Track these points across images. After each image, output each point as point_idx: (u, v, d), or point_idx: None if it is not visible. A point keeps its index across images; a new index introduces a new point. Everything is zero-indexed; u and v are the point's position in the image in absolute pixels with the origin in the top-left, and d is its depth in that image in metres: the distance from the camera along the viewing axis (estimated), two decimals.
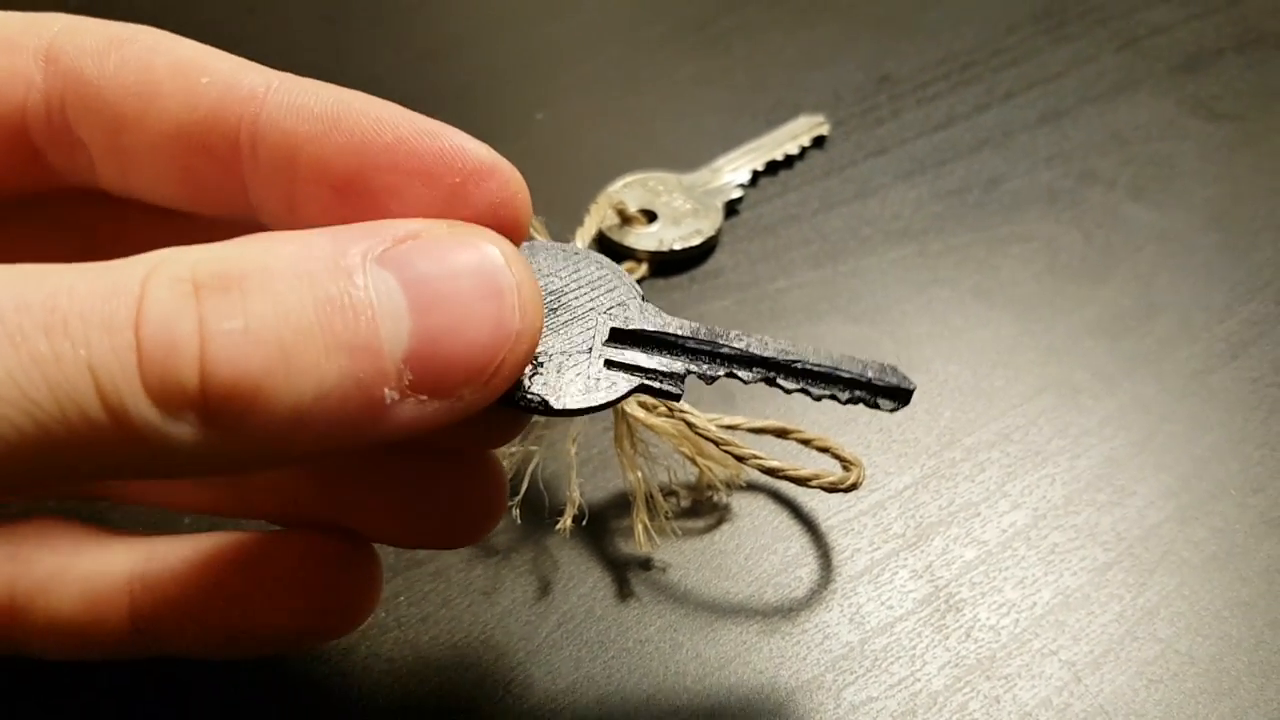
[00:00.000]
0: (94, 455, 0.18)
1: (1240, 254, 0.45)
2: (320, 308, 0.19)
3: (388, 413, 0.20)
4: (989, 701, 0.31)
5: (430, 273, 0.20)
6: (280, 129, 0.23)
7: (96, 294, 0.17)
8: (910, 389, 0.25)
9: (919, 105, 0.53)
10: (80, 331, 0.17)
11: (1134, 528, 0.35)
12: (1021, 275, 0.44)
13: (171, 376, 0.17)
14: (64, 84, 0.23)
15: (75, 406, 0.17)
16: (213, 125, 0.23)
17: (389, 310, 0.19)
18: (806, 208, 0.47)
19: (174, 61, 0.23)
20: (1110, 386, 0.39)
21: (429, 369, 0.20)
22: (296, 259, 0.19)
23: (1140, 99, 0.53)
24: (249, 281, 0.18)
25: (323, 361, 0.18)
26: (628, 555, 0.34)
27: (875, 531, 0.35)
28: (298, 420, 0.19)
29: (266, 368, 0.18)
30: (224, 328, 0.18)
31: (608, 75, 0.55)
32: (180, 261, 0.18)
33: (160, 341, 0.17)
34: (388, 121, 0.23)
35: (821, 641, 0.32)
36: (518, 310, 0.21)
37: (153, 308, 0.18)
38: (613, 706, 0.31)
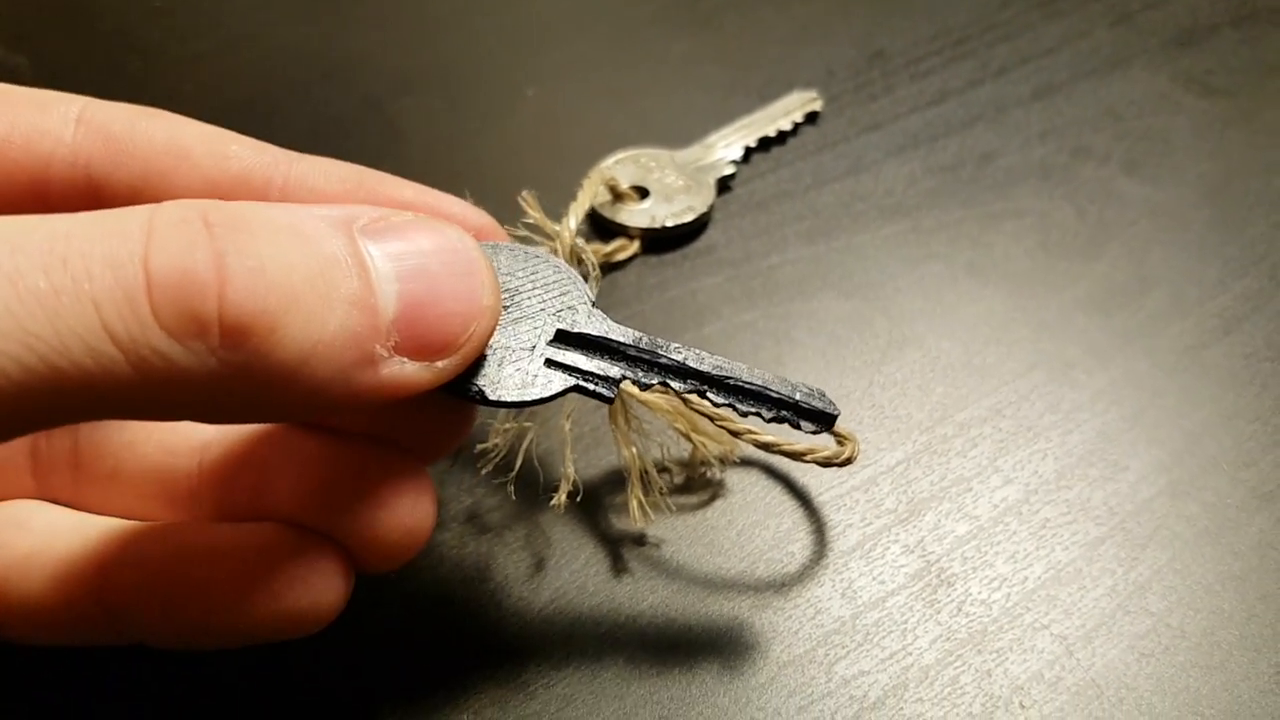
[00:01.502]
0: (103, 390, 0.18)
1: (1233, 229, 0.45)
2: (322, 262, 0.20)
3: (376, 368, 0.21)
4: (980, 675, 0.31)
5: (410, 248, 0.22)
6: (307, 186, 0.25)
7: (96, 235, 0.18)
8: (834, 414, 0.27)
9: (912, 81, 0.53)
10: (80, 266, 0.17)
11: (1126, 502, 0.35)
12: (1014, 251, 0.44)
13: (187, 304, 0.18)
14: (92, 143, 0.25)
15: (79, 340, 0.17)
16: (244, 182, 0.25)
17: (380, 275, 0.21)
18: (799, 184, 0.47)
19: (201, 132, 0.25)
20: (1103, 362, 0.40)
21: (413, 332, 0.22)
22: (295, 221, 0.21)
23: (1134, 74, 0.53)
24: (256, 229, 0.20)
25: (326, 311, 0.20)
26: (621, 531, 0.34)
27: (867, 507, 0.35)
28: (302, 363, 0.20)
29: (280, 308, 0.19)
30: (242, 263, 0.19)
31: (600, 51, 0.55)
32: (186, 205, 0.19)
33: (173, 270, 0.18)
34: (407, 190, 0.26)
35: (813, 616, 0.32)
36: (485, 287, 0.23)
37: (162, 241, 0.18)
38: (605, 681, 0.31)
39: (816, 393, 0.27)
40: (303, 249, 0.20)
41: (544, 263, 0.27)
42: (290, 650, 0.29)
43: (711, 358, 0.27)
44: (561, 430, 0.33)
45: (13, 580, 0.26)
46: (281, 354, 0.19)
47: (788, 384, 0.27)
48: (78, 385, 0.18)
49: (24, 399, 0.17)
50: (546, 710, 0.30)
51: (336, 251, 0.21)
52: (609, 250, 0.43)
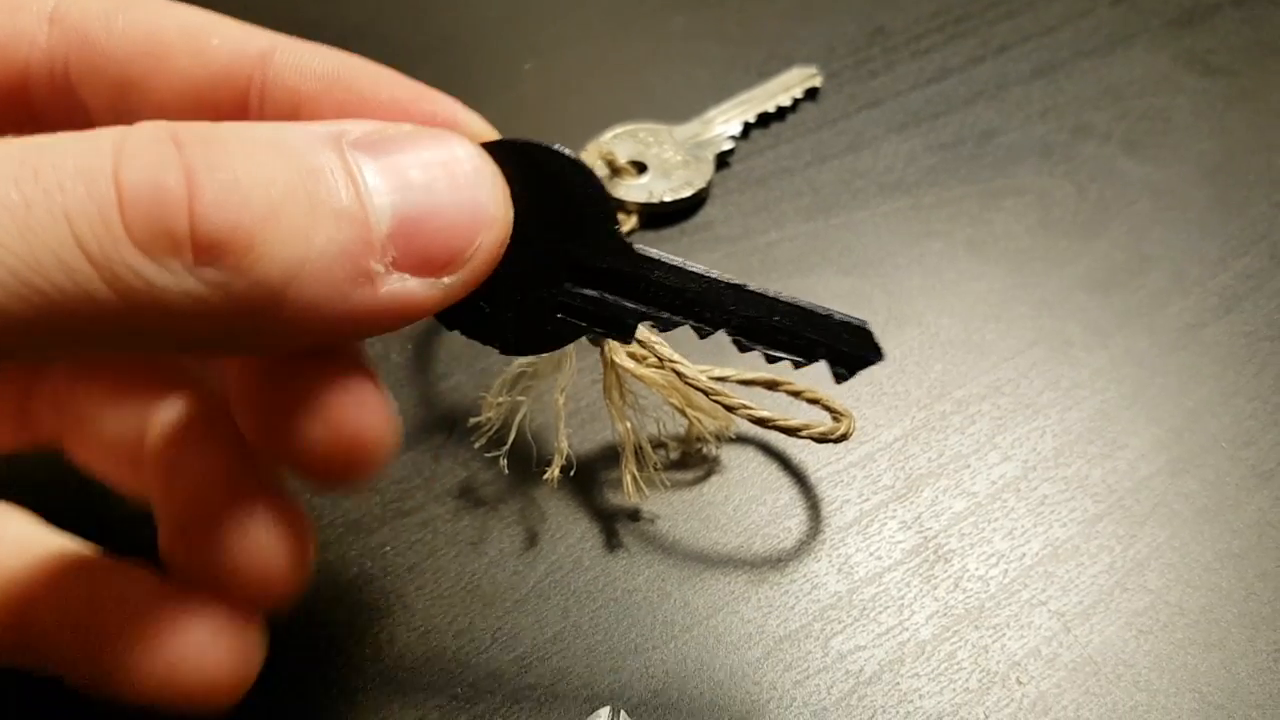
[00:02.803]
0: (82, 313, 0.17)
1: (1234, 208, 0.45)
2: (305, 175, 0.19)
3: (374, 285, 0.20)
4: (977, 651, 0.31)
5: (405, 160, 0.21)
6: (285, 86, 0.23)
7: (69, 150, 0.17)
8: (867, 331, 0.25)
9: (913, 58, 0.53)
10: (53, 179, 0.17)
11: (1125, 480, 0.35)
12: (1014, 229, 0.44)
13: (159, 220, 0.17)
14: (68, 44, 0.23)
15: (51, 255, 0.17)
16: (223, 83, 0.23)
17: (371, 186, 0.20)
18: (798, 160, 0.47)
19: (182, 25, 0.24)
20: (1102, 340, 0.39)
21: (412, 246, 0.20)
22: (275, 133, 0.20)
23: (1135, 53, 0.53)
24: (231, 145, 0.19)
25: (311, 225, 0.19)
26: (616, 506, 0.34)
27: (865, 483, 0.35)
28: (288, 281, 0.19)
29: (256, 222, 0.18)
30: (213, 178, 0.18)
31: (598, 25, 0.55)
32: (157, 125, 0.18)
33: (144, 185, 0.17)
34: (384, 83, 0.24)
35: (810, 591, 0.32)
36: (491, 195, 0.22)
37: (132, 156, 0.18)
38: (600, 656, 0.30)
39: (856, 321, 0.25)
40: (283, 161, 0.19)
41: (564, 163, 0.24)
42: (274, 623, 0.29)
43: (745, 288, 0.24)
44: (555, 404, 0.33)
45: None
46: (263, 271, 0.18)
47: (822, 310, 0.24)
48: (57, 308, 0.17)
49: (2, 322, 0.17)
50: (541, 683, 0.30)
51: (321, 163, 0.19)
52: None
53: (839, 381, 0.25)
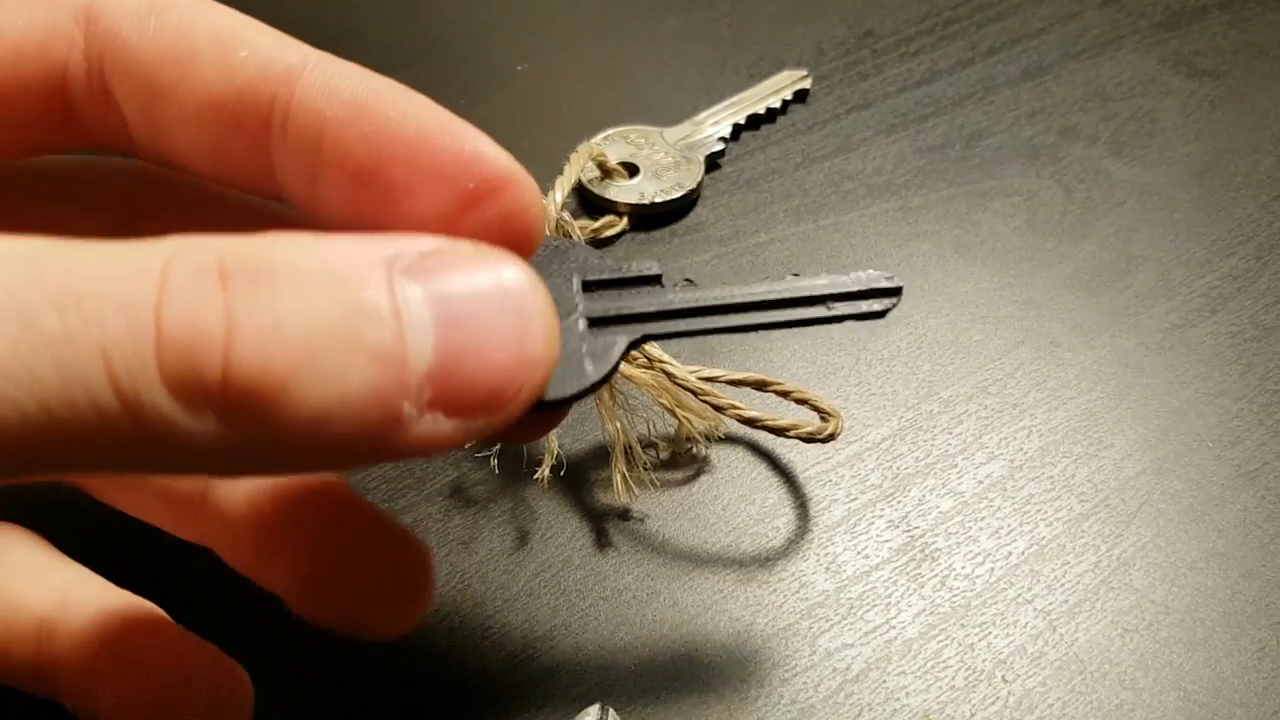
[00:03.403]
0: (99, 444, 0.17)
1: (1220, 210, 0.45)
2: (350, 312, 0.18)
3: (404, 427, 0.19)
4: (963, 649, 0.31)
5: (456, 290, 0.19)
6: (310, 110, 0.22)
7: (114, 275, 0.17)
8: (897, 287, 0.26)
9: (902, 60, 0.53)
10: (95, 311, 0.16)
11: (1110, 479, 0.35)
12: (1002, 230, 0.44)
13: (192, 365, 0.17)
14: (102, 44, 0.23)
15: (83, 389, 0.16)
16: (247, 100, 0.23)
17: (415, 323, 0.19)
18: (788, 162, 0.47)
19: (214, 31, 0.23)
20: (1088, 340, 0.40)
21: (450, 387, 0.19)
22: (326, 261, 0.18)
23: (1123, 55, 0.53)
24: (279, 277, 0.18)
25: (348, 367, 0.18)
26: (606, 506, 0.34)
27: (852, 482, 0.35)
28: (317, 426, 0.18)
29: (292, 367, 0.17)
30: (253, 320, 0.17)
31: (590, 27, 0.55)
32: (206, 248, 0.17)
33: (183, 327, 0.17)
34: (413, 115, 0.22)
35: (798, 590, 0.32)
36: (539, 336, 0.20)
37: (176, 292, 0.17)
38: (589, 654, 0.31)
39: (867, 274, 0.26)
40: (330, 297, 0.18)
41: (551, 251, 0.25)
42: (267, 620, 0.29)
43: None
44: None
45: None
46: (289, 418, 0.17)
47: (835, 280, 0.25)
48: (74, 436, 0.16)
49: (19, 443, 0.16)
50: (531, 681, 0.30)
51: (367, 299, 0.18)
52: (597, 227, 0.43)
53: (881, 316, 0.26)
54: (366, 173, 0.22)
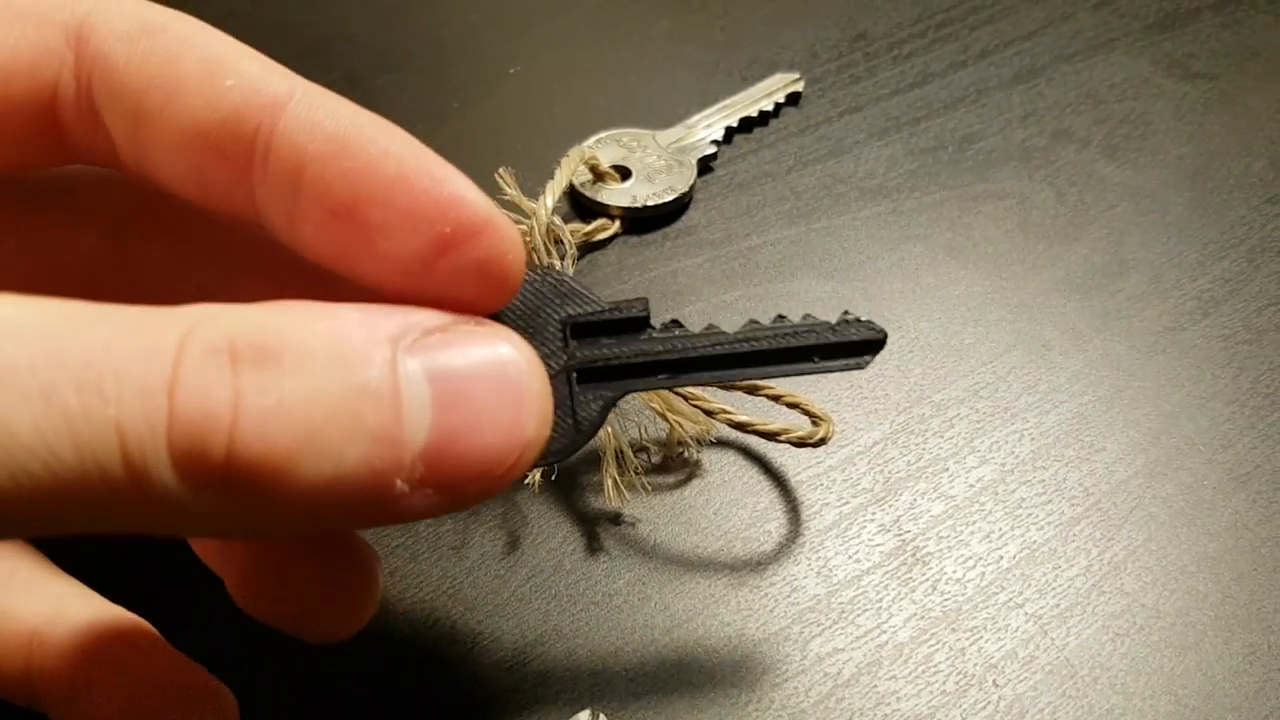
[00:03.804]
0: (101, 509, 0.17)
1: (1213, 213, 0.45)
2: (352, 393, 0.18)
3: (395, 502, 0.19)
4: (954, 654, 0.31)
5: (455, 370, 0.20)
6: (292, 143, 0.22)
7: (132, 353, 0.17)
8: (881, 337, 0.26)
9: (894, 63, 0.53)
10: (114, 391, 0.17)
11: (1102, 483, 0.35)
12: (994, 233, 0.44)
13: (199, 446, 0.17)
14: (92, 65, 0.23)
15: (96, 463, 0.17)
16: (231, 129, 0.23)
17: (414, 403, 0.19)
18: (780, 165, 0.47)
19: (202, 59, 0.23)
20: (1080, 343, 0.40)
21: (442, 466, 0.20)
22: (332, 339, 0.19)
23: (1115, 58, 0.53)
24: (285, 357, 0.18)
25: (345, 446, 0.18)
26: (597, 510, 0.34)
27: (844, 486, 0.35)
28: (310, 499, 0.18)
29: (292, 447, 0.18)
30: (258, 403, 0.18)
31: (583, 30, 0.55)
32: (218, 325, 0.18)
33: (193, 410, 0.17)
34: (394, 155, 0.23)
35: (789, 594, 0.32)
36: (533, 417, 0.21)
37: (189, 375, 0.17)
38: (581, 659, 0.31)
39: (856, 323, 0.26)
40: (332, 378, 0.18)
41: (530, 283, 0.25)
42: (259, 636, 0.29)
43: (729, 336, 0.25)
44: None
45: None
46: (284, 493, 0.18)
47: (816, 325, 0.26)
48: (79, 501, 0.17)
49: (26, 506, 0.17)
50: (523, 686, 0.30)
51: (370, 380, 0.19)
52: (589, 230, 0.43)
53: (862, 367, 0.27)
54: (344, 210, 0.22)
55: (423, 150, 0.23)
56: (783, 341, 0.25)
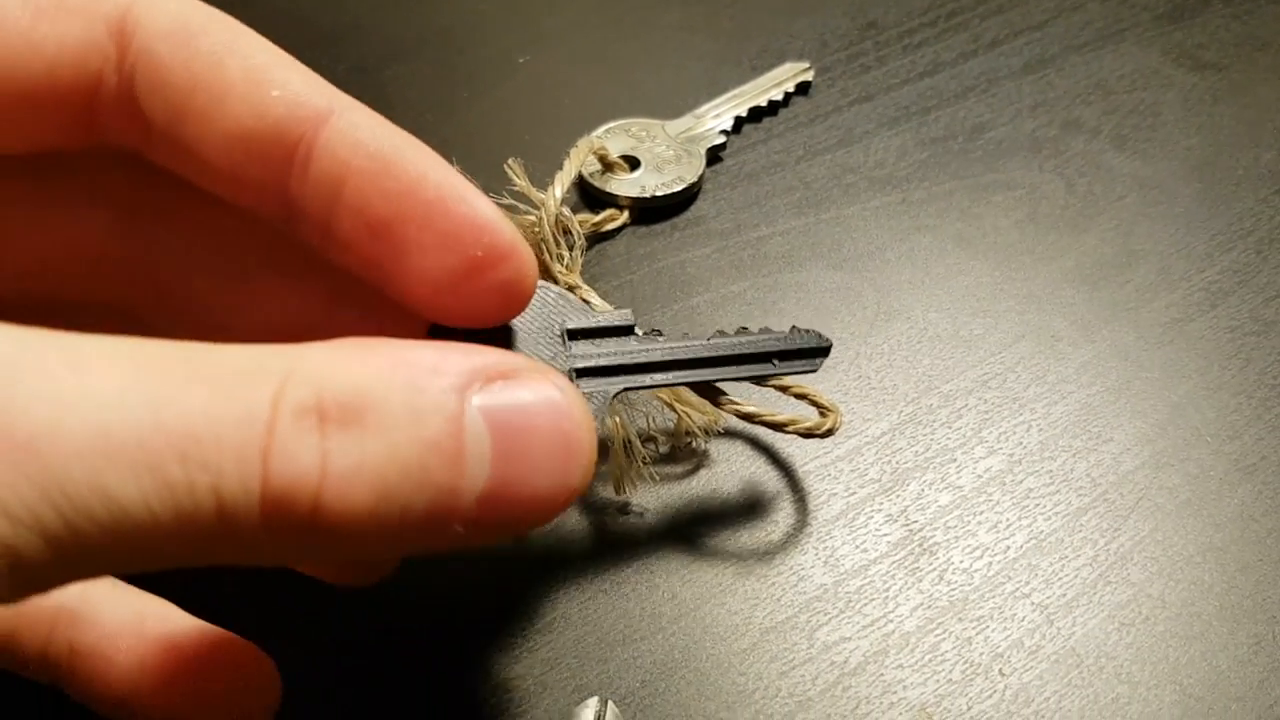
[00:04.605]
0: (185, 553, 0.18)
1: (1221, 203, 0.45)
2: (423, 448, 0.20)
3: (447, 539, 0.21)
4: (961, 643, 0.31)
5: (517, 423, 0.21)
6: (334, 157, 0.24)
7: (229, 420, 0.18)
8: (826, 346, 0.31)
9: (904, 52, 0.53)
10: (215, 460, 0.18)
11: (1109, 473, 0.35)
12: (1003, 223, 0.44)
13: (286, 505, 0.18)
14: (135, 61, 0.23)
15: (193, 523, 0.18)
16: (274, 138, 0.24)
17: (476, 455, 0.20)
18: (790, 155, 0.47)
19: (247, 68, 0.24)
20: (1088, 334, 0.40)
21: (493, 512, 0.21)
22: (407, 392, 0.20)
23: (1125, 48, 0.53)
24: (367, 415, 0.19)
25: (412, 497, 0.20)
26: (605, 499, 0.34)
27: (851, 476, 0.35)
28: (373, 541, 0.20)
29: (369, 504, 0.19)
30: (343, 464, 0.19)
31: (592, 20, 0.55)
32: (307, 382, 0.19)
33: (285, 475, 0.18)
34: (432, 179, 0.24)
35: (796, 583, 0.32)
36: (580, 467, 0.22)
37: (281, 441, 0.18)
38: (588, 646, 0.31)
39: (804, 333, 0.30)
40: (408, 436, 0.20)
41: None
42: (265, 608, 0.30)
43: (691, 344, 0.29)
44: None
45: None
46: (353, 536, 0.19)
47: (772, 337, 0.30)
48: (171, 545, 0.18)
49: (119, 559, 0.18)
50: (530, 674, 0.30)
51: (441, 438, 0.20)
52: (598, 220, 0.43)
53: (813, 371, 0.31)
54: (382, 226, 0.24)
55: (456, 175, 0.25)
56: (746, 347, 0.30)
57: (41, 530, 0.16)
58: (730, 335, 0.30)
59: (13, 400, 0.16)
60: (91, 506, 0.17)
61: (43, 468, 0.16)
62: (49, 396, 0.17)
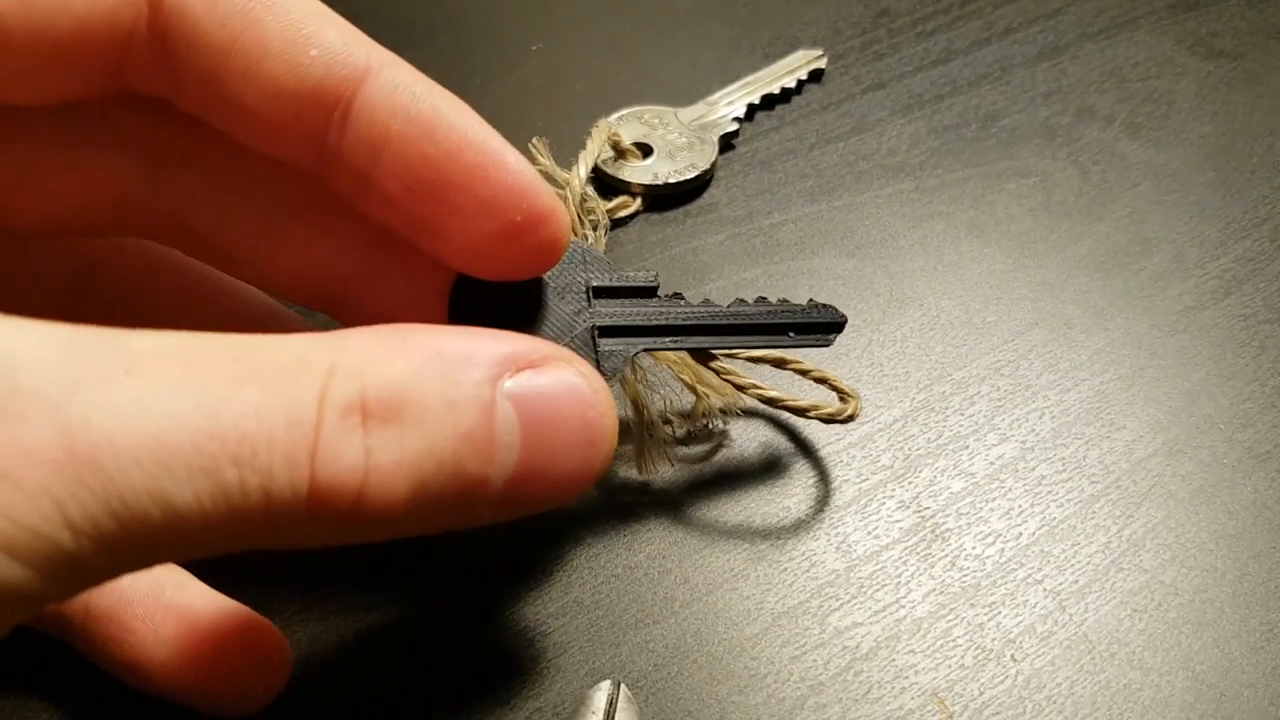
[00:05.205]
0: (232, 541, 0.19)
1: (1235, 191, 0.45)
2: (459, 442, 0.20)
3: (471, 521, 0.22)
4: (973, 628, 0.31)
5: (544, 411, 0.22)
6: (375, 120, 0.24)
7: (279, 421, 0.19)
8: (841, 321, 0.31)
9: (918, 40, 0.53)
10: (266, 462, 0.18)
11: (1122, 461, 0.35)
12: (1016, 211, 0.44)
13: (331, 499, 0.19)
14: (168, 19, 0.23)
15: (243, 518, 0.18)
16: (314, 98, 0.24)
17: (505, 444, 0.21)
18: (802, 142, 0.47)
19: (284, 25, 0.23)
20: (1102, 322, 0.40)
21: (519, 495, 0.22)
22: (443, 384, 0.21)
23: (1139, 36, 0.53)
24: (408, 412, 0.20)
25: (446, 485, 0.20)
26: (623, 481, 0.35)
27: (864, 463, 0.35)
28: (407, 524, 0.21)
29: (407, 495, 0.20)
30: (384, 460, 0.20)
31: (605, 7, 0.55)
32: (350, 380, 0.20)
33: (331, 474, 0.19)
34: (473, 144, 0.24)
35: (808, 569, 0.32)
36: (601, 454, 0.23)
37: (328, 441, 0.19)
38: (601, 630, 0.31)
39: (821, 307, 0.31)
40: (444, 430, 0.20)
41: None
42: (280, 593, 0.30)
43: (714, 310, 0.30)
44: None
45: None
46: (390, 522, 0.20)
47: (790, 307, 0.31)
48: (215, 539, 0.19)
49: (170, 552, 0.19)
50: (544, 656, 0.30)
51: (474, 429, 0.21)
52: (611, 207, 0.43)
53: (827, 345, 0.31)
54: (422, 188, 0.24)
55: (497, 137, 0.25)
56: (765, 318, 0.30)
57: (99, 536, 0.17)
58: (749, 304, 0.30)
59: (72, 411, 0.17)
60: (149, 511, 0.17)
61: (105, 480, 0.17)
62: (106, 405, 0.17)
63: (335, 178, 0.25)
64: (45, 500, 0.16)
